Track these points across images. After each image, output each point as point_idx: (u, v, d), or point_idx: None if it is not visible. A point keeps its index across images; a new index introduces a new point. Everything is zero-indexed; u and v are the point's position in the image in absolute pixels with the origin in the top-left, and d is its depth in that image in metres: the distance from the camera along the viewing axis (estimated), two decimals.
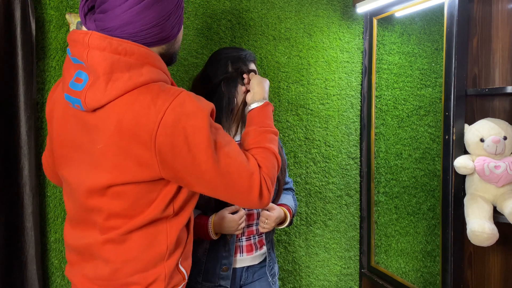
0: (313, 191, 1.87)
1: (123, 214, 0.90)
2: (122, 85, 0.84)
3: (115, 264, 0.92)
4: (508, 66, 1.44)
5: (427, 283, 1.68)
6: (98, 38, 0.85)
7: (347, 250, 1.97)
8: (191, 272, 1.28)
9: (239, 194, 0.91)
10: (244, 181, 0.90)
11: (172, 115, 0.83)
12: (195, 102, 0.86)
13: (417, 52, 1.68)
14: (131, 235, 0.92)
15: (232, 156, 0.89)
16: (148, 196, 0.90)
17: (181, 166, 0.86)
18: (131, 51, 0.86)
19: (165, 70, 0.92)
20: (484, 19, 1.49)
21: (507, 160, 1.39)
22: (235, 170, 0.89)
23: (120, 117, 0.84)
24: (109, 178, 0.87)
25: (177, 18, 0.93)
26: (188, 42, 1.59)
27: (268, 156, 0.98)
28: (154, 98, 0.84)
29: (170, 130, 0.83)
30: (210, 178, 0.88)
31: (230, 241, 1.27)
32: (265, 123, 1.08)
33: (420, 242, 1.70)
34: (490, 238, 1.34)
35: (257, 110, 1.12)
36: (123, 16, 0.86)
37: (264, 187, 0.92)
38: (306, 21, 1.80)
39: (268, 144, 1.01)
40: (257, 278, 1.37)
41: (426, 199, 1.67)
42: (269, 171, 0.95)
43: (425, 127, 1.65)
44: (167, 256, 0.95)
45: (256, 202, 0.92)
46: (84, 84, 0.86)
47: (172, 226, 0.95)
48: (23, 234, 1.31)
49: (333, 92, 1.88)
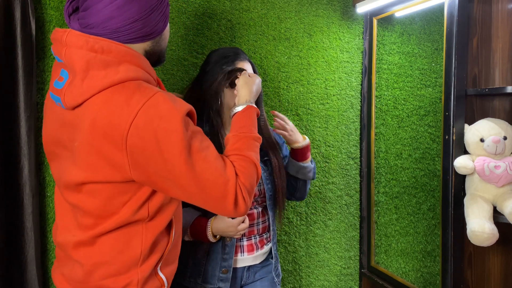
0: (313, 191, 1.87)
1: (96, 213, 0.90)
2: (98, 83, 0.84)
3: (87, 267, 0.91)
4: (508, 66, 1.44)
5: (427, 283, 1.68)
6: (75, 36, 0.85)
7: (347, 250, 1.97)
8: (191, 274, 1.28)
9: (214, 201, 0.88)
10: (219, 188, 0.86)
11: (144, 116, 0.81)
12: (169, 103, 0.84)
13: (417, 52, 1.68)
14: (103, 238, 0.91)
15: (209, 161, 0.86)
16: (121, 197, 0.89)
17: (153, 170, 0.84)
18: (108, 49, 0.85)
19: (146, 68, 0.91)
20: (484, 19, 1.49)
21: (507, 160, 1.39)
22: (210, 176, 0.86)
23: (94, 116, 0.83)
24: (83, 176, 0.87)
25: (161, 14, 0.92)
26: (188, 42, 1.59)
27: (247, 165, 0.93)
28: (128, 97, 0.83)
29: (141, 132, 0.81)
30: (183, 183, 0.85)
31: (229, 244, 1.27)
32: (245, 129, 1.03)
33: (420, 242, 1.70)
34: (490, 238, 1.34)
35: (239, 114, 1.08)
36: (104, 11, 0.86)
37: (239, 196, 0.88)
38: (306, 21, 1.80)
39: (247, 151, 0.96)
40: (258, 278, 1.36)
41: (426, 199, 1.67)
42: (246, 180, 0.90)
43: (425, 127, 1.65)
44: (141, 261, 0.93)
45: (231, 210, 0.89)
46: (64, 83, 0.87)
47: (148, 230, 0.93)
48: (23, 234, 1.31)
49: (333, 92, 1.88)
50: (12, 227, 1.31)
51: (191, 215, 1.24)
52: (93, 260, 0.91)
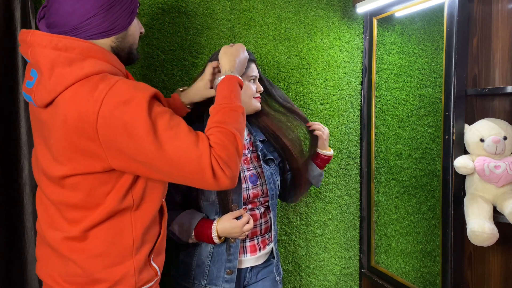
0: (313, 191, 1.87)
1: (81, 205, 0.91)
2: (64, 80, 0.85)
3: (81, 262, 0.92)
4: (508, 66, 1.44)
5: (427, 283, 1.68)
6: (39, 36, 0.88)
7: (347, 250, 1.97)
8: (196, 275, 1.28)
9: (193, 176, 0.88)
10: (193, 164, 0.86)
11: (109, 105, 0.83)
12: (131, 89, 0.85)
13: (417, 52, 1.68)
14: (93, 231, 0.92)
15: (179, 138, 0.87)
16: (103, 187, 0.90)
17: (128, 156, 0.86)
18: (72, 46, 0.87)
19: (113, 62, 0.92)
20: (484, 19, 1.49)
21: (507, 160, 1.39)
22: (182, 152, 0.86)
23: (65, 112, 0.85)
24: (64, 170, 0.88)
25: (122, 10, 0.93)
26: (188, 42, 1.59)
27: (224, 136, 0.92)
28: (92, 89, 0.84)
29: (108, 121, 0.83)
30: (159, 164, 0.86)
31: (233, 245, 1.27)
32: (225, 99, 1.02)
33: (420, 242, 1.70)
34: (490, 238, 1.34)
35: (219, 86, 1.07)
36: (62, 9, 0.88)
37: (216, 167, 0.88)
38: (306, 21, 1.80)
39: (226, 122, 0.95)
40: (260, 278, 1.37)
41: (426, 199, 1.67)
42: (221, 152, 0.89)
43: (425, 127, 1.65)
44: (134, 250, 0.94)
45: (212, 183, 0.89)
46: (33, 82, 0.89)
47: (137, 219, 0.95)
48: (23, 234, 1.31)
49: (333, 92, 1.88)
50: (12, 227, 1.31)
51: (195, 217, 1.24)
52: (86, 254, 0.92)
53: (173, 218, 1.24)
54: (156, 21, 1.54)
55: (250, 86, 1.30)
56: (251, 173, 1.32)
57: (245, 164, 1.32)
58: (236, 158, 0.93)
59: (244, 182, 1.30)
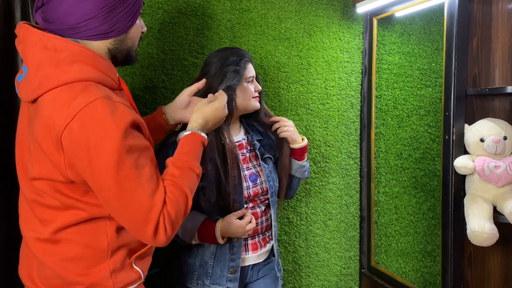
0: (313, 191, 1.87)
1: (53, 205, 0.89)
2: (47, 82, 0.83)
3: (52, 264, 0.90)
4: (508, 66, 1.44)
5: (427, 283, 1.68)
6: (31, 33, 0.86)
7: (347, 250, 1.97)
8: (199, 276, 1.28)
9: (134, 223, 0.85)
10: (142, 212, 0.83)
11: (80, 121, 0.80)
12: (107, 113, 0.81)
13: (417, 52, 1.68)
14: (65, 233, 0.90)
15: (140, 181, 0.83)
16: (72, 196, 0.88)
17: (85, 175, 0.83)
18: (61, 47, 0.84)
19: (103, 69, 0.89)
20: (484, 19, 1.49)
21: (507, 160, 1.39)
22: (136, 197, 0.83)
23: (44, 113, 0.83)
24: (35, 171, 0.87)
25: (124, 12, 0.90)
26: (188, 42, 1.59)
27: (178, 194, 0.90)
28: (70, 99, 0.81)
29: (74, 137, 0.80)
30: (107, 196, 0.83)
31: (236, 244, 1.28)
32: (185, 157, 0.98)
33: (420, 242, 1.70)
34: (490, 238, 1.34)
35: (183, 139, 1.04)
36: (61, 7, 0.86)
37: (161, 225, 0.85)
38: (306, 21, 1.80)
39: (182, 180, 0.92)
40: (261, 275, 1.38)
41: (426, 199, 1.67)
42: (172, 209, 0.87)
43: (425, 127, 1.65)
44: (109, 253, 0.91)
45: (150, 237, 0.85)
46: (23, 76, 0.88)
47: (112, 223, 0.92)
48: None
49: (333, 92, 1.88)
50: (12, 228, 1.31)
51: (198, 219, 1.24)
52: (59, 257, 0.90)
53: None
54: (156, 21, 1.54)
55: (249, 87, 1.30)
56: (251, 172, 1.33)
57: (244, 164, 1.33)
58: (182, 219, 0.91)
59: (244, 181, 1.30)
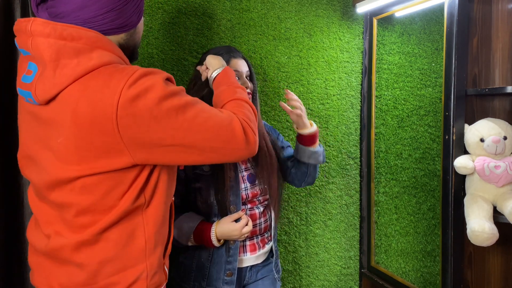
0: (313, 191, 1.87)
1: (93, 208, 0.84)
2: (71, 72, 0.79)
3: (91, 267, 0.86)
4: (508, 66, 1.44)
5: (427, 283, 1.68)
6: (41, 24, 0.80)
7: (347, 250, 1.97)
8: (195, 277, 1.28)
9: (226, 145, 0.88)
10: (226, 130, 0.87)
11: (129, 93, 0.78)
12: (150, 74, 0.82)
13: (417, 52, 1.68)
14: (106, 233, 0.86)
15: (206, 110, 0.87)
16: (119, 188, 0.85)
17: (154, 144, 0.82)
18: (78, 35, 0.81)
19: (120, 55, 0.87)
20: (484, 19, 1.49)
21: (507, 160, 1.39)
22: (213, 122, 0.86)
23: (74, 107, 0.78)
24: (75, 171, 0.82)
25: (135, 6, 0.90)
26: (188, 42, 1.59)
27: (241, 104, 0.98)
28: (107, 80, 0.79)
29: (130, 110, 0.78)
30: (191, 141, 0.84)
31: (233, 247, 1.27)
32: (230, 82, 1.09)
33: (420, 242, 1.70)
34: (490, 238, 1.34)
35: (220, 75, 1.14)
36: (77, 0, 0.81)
37: (247, 128, 0.90)
38: (306, 21, 1.80)
39: (239, 95, 1.02)
40: (260, 277, 1.37)
41: (426, 199, 1.67)
42: (245, 115, 0.94)
43: (425, 127, 1.65)
44: (147, 252, 0.89)
45: (244, 147, 0.89)
46: (33, 76, 0.81)
47: (148, 218, 0.89)
48: (23, 234, 1.31)
49: (333, 92, 1.88)
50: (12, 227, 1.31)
51: (194, 221, 1.23)
52: (98, 258, 0.86)
53: None
54: (156, 21, 1.54)
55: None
56: (248, 173, 1.32)
57: (242, 165, 1.32)
58: (257, 124, 0.98)
59: (242, 183, 1.29)
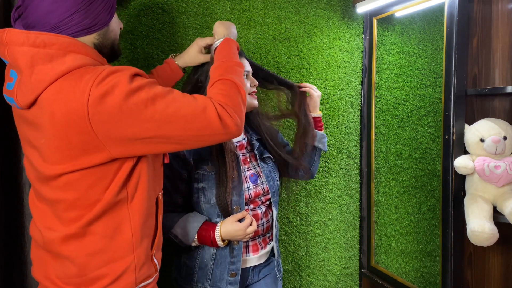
0: (313, 191, 1.87)
1: (79, 203, 0.89)
2: (45, 77, 0.83)
3: (80, 259, 0.90)
4: (508, 66, 1.44)
5: (427, 283, 1.68)
6: (15, 34, 0.85)
7: (347, 250, 1.97)
8: (199, 278, 1.27)
9: (202, 132, 0.88)
10: (199, 117, 0.87)
11: (97, 91, 0.81)
12: (117, 72, 0.84)
13: (417, 52, 1.68)
14: (92, 227, 0.90)
15: (178, 100, 0.87)
16: (102, 182, 0.89)
17: (130, 138, 0.85)
18: (50, 42, 0.85)
19: (95, 57, 0.91)
20: (484, 19, 1.49)
21: (507, 160, 1.39)
22: (185, 111, 0.86)
23: (51, 109, 0.83)
24: (59, 168, 0.86)
25: (103, 5, 0.92)
26: (188, 42, 1.59)
27: (227, 87, 0.96)
28: (77, 81, 0.82)
29: (100, 107, 0.81)
30: (166, 132, 0.86)
31: (236, 247, 1.27)
32: (225, 58, 1.08)
33: (420, 242, 1.70)
34: (490, 238, 1.34)
35: (219, 47, 1.14)
36: (41, 7, 0.86)
37: (222, 113, 0.89)
38: (306, 21, 1.80)
39: (228, 75, 0.99)
40: (262, 276, 1.37)
41: (426, 199, 1.67)
42: (225, 98, 0.92)
43: (425, 127, 1.65)
44: (134, 244, 0.93)
45: (221, 131, 0.90)
46: (14, 83, 0.87)
47: (133, 211, 0.93)
48: (23, 234, 1.31)
49: (333, 92, 1.88)
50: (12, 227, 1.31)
51: (198, 221, 1.23)
52: (86, 251, 0.90)
53: (176, 221, 1.22)
54: (156, 21, 1.54)
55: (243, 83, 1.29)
56: (251, 172, 1.32)
57: (245, 164, 1.32)
58: (241, 106, 0.95)
59: (245, 182, 1.29)
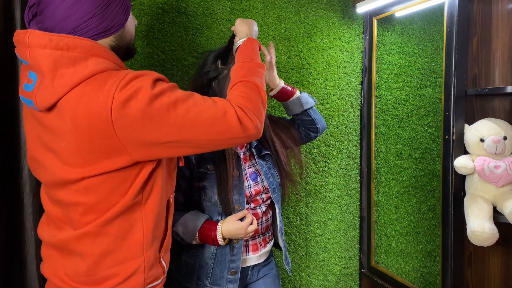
0: (313, 191, 1.87)
1: (99, 207, 0.89)
2: (68, 81, 0.83)
3: (92, 259, 0.91)
4: (508, 66, 1.44)
5: (427, 283, 1.68)
6: (38, 36, 0.84)
7: (347, 250, 1.97)
8: (199, 276, 1.28)
9: (222, 136, 0.89)
10: (219, 122, 0.88)
11: (121, 96, 0.81)
12: (140, 77, 0.85)
13: (417, 52, 1.68)
14: (107, 227, 0.91)
15: (199, 104, 0.87)
16: (122, 186, 0.89)
17: (152, 141, 0.85)
18: (74, 45, 0.85)
19: (115, 60, 0.91)
20: (484, 19, 1.49)
21: (507, 160, 1.39)
22: (206, 115, 0.87)
23: (73, 113, 0.83)
24: (79, 173, 0.86)
25: (119, 7, 0.91)
26: (188, 42, 1.59)
27: (248, 89, 0.96)
28: (101, 86, 0.83)
29: (124, 112, 0.81)
30: (187, 137, 0.87)
31: (237, 246, 1.27)
32: (247, 58, 1.07)
33: (420, 242, 1.70)
34: (490, 238, 1.34)
35: (240, 47, 1.13)
36: (58, 12, 0.85)
37: (242, 117, 0.90)
38: (306, 21, 1.80)
39: (249, 77, 1.00)
40: (261, 275, 1.38)
41: (426, 199, 1.67)
42: (246, 101, 0.93)
43: (425, 127, 1.65)
44: (145, 246, 0.94)
45: (241, 134, 0.90)
46: (33, 84, 0.86)
47: (146, 213, 0.94)
48: (23, 234, 1.31)
49: (333, 92, 1.88)
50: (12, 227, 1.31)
51: (199, 219, 1.24)
52: (98, 251, 0.91)
53: (177, 219, 1.24)
54: (156, 21, 1.54)
55: None
56: (251, 170, 1.33)
57: (245, 163, 1.33)
58: (261, 109, 0.96)
59: (246, 181, 1.30)
